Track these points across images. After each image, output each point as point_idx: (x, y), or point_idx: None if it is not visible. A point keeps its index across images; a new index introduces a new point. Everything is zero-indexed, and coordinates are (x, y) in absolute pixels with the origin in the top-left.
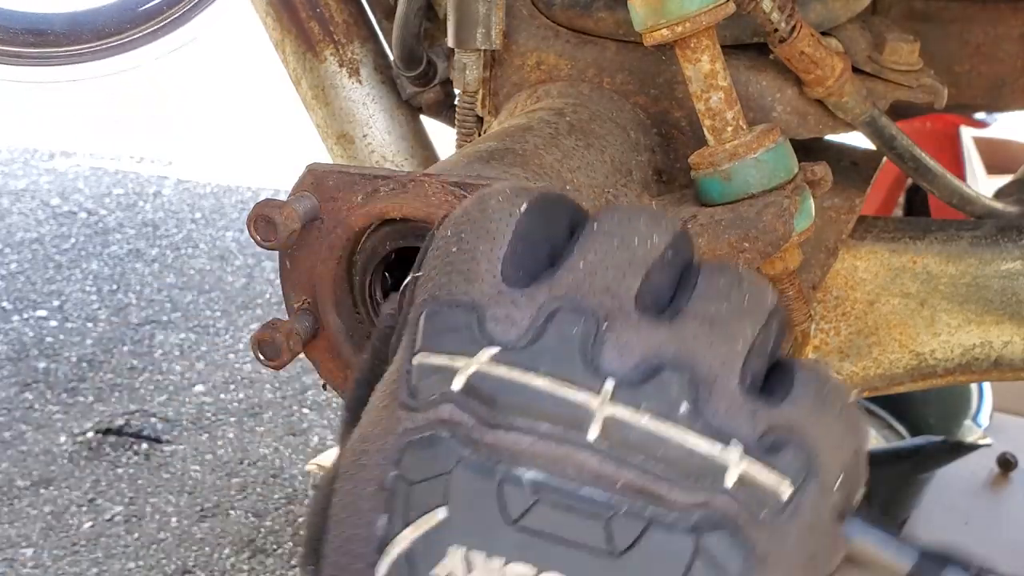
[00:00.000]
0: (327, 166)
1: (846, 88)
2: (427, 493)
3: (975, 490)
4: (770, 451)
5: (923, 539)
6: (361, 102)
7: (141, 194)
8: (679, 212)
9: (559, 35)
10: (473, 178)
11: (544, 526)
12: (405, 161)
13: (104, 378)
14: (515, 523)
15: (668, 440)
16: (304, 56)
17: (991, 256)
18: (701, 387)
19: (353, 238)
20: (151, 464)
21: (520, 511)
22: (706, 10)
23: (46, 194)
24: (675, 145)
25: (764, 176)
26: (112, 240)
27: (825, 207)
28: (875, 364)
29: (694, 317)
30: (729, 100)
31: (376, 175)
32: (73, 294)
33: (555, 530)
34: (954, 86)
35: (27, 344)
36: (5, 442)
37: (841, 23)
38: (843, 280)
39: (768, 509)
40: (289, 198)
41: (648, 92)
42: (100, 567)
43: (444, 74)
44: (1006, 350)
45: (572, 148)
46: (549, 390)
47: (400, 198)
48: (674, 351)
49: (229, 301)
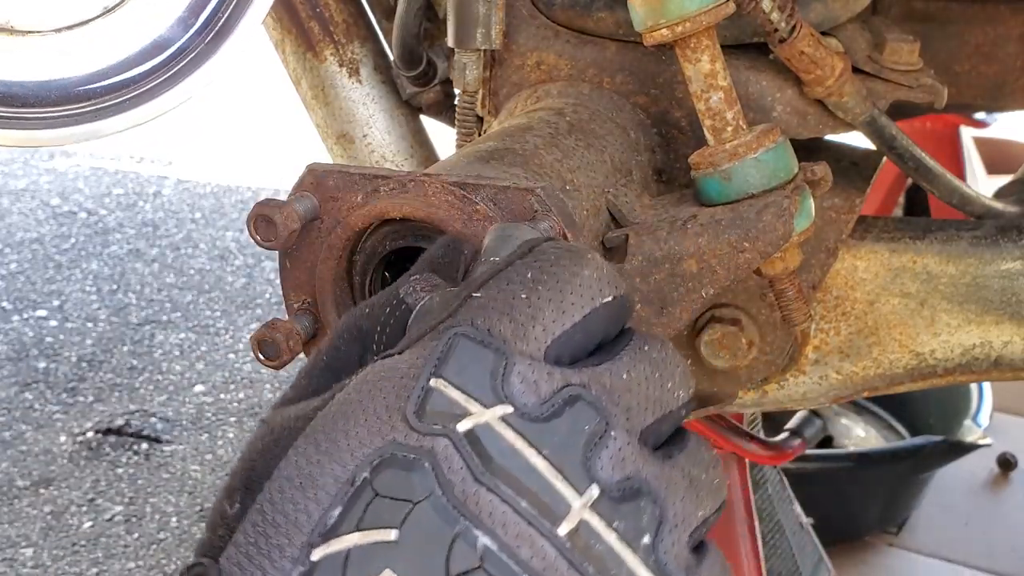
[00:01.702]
0: (327, 166)
1: (846, 88)
2: (388, 511)
3: (975, 490)
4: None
5: (923, 539)
6: (361, 102)
7: (141, 194)
8: (679, 212)
9: (559, 35)
10: (473, 178)
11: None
12: (405, 161)
13: (104, 378)
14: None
15: (625, 564)
16: (304, 56)
17: (991, 256)
18: (663, 527)
19: (353, 238)
20: (151, 464)
21: (460, 570)
22: (706, 10)
23: (46, 194)
24: (675, 145)
25: (764, 176)
26: (112, 240)
27: (825, 207)
28: (875, 364)
29: (680, 469)
30: (729, 100)
31: (376, 175)
32: (73, 294)
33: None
34: (954, 86)
35: (27, 344)
36: (5, 442)
37: (841, 23)
38: (843, 280)
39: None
40: (289, 198)
41: (648, 92)
42: (100, 567)
43: (444, 74)
44: (1006, 350)
45: (572, 148)
46: (543, 472)
47: (400, 198)
48: (655, 486)
49: (229, 301)
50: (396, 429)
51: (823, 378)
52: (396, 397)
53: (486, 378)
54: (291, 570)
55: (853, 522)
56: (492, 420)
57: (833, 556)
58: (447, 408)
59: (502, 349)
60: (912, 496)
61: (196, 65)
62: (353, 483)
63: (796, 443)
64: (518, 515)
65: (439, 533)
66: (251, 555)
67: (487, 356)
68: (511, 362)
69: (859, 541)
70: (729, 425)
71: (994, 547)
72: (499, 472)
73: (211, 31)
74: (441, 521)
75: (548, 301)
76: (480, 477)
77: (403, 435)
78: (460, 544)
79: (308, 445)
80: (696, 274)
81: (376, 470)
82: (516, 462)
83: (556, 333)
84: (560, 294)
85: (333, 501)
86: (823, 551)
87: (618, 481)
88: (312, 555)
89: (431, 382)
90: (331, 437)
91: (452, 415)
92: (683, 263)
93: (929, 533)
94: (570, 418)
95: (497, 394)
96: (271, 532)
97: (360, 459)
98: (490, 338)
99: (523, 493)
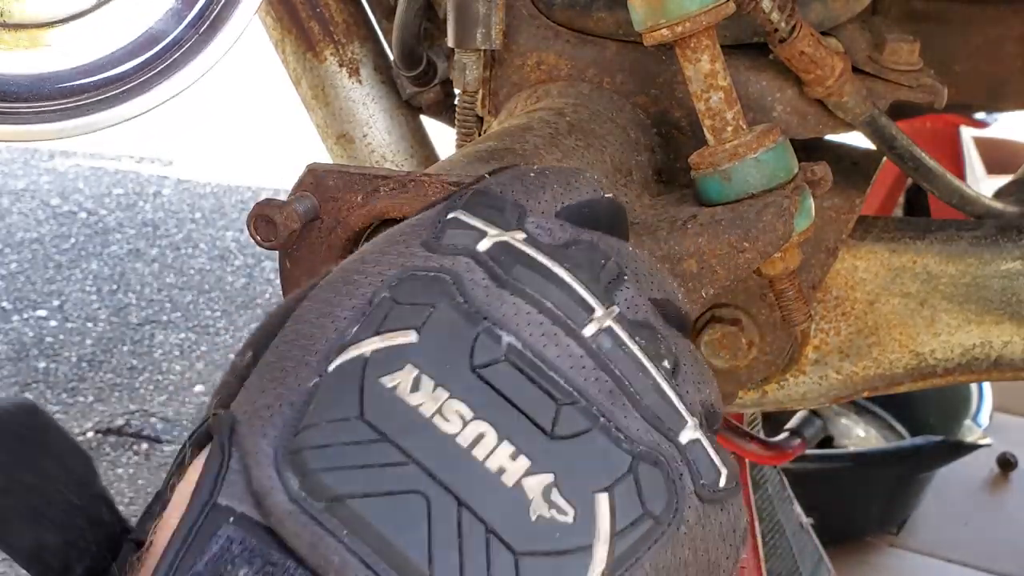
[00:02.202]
0: (327, 166)
1: (846, 88)
2: (408, 315)
3: (975, 490)
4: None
5: (923, 539)
6: (361, 102)
7: (141, 194)
8: (679, 212)
9: (559, 35)
10: (473, 178)
11: (501, 383)
12: (405, 161)
13: (104, 378)
14: (475, 369)
15: (648, 375)
16: (304, 56)
17: (991, 256)
18: (678, 372)
19: (353, 238)
20: (151, 464)
21: (485, 361)
22: (706, 10)
23: (46, 194)
24: (675, 145)
25: (764, 176)
26: (112, 240)
27: (825, 207)
28: (875, 364)
29: (688, 348)
30: (729, 100)
31: (376, 175)
32: (73, 294)
33: (508, 391)
34: (954, 86)
35: (27, 344)
36: None
37: (841, 23)
38: (843, 280)
39: (706, 482)
40: (289, 198)
41: (648, 92)
42: None
43: (444, 74)
44: (1006, 350)
45: (572, 148)
46: (567, 280)
47: (400, 198)
48: (670, 343)
49: (229, 301)
50: (415, 255)
51: (823, 378)
52: (411, 235)
53: (504, 212)
54: (308, 380)
55: (853, 522)
56: (512, 239)
57: (833, 556)
58: (466, 232)
59: (515, 202)
60: (912, 496)
61: (190, 57)
62: (372, 302)
63: (796, 443)
64: (543, 315)
65: (462, 332)
66: (262, 389)
67: (504, 202)
68: (525, 212)
69: (859, 541)
70: (729, 425)
71: (994, 547)
72: (523, 277)
73: (204, 23)
74: (464, 321)
75: (556, 181)
76: (503, 284)
77: (422, 259)
78: (484, 339)
79: (325, 289)
80: (696, 274)
81: (395, 288)
82: (541, 270)
83: (564, 203)
84: (566, 178)
85: (351, 321)
86: (823, 551)
87: (635, 314)
88: (329, 367)
89: (449, 215)
90: (348, 278)
91: (472, 237)
92: (683, 263)
93: (929, 533)
94: (586, 254)
95: (513, 225)
96: (286, 359)
97: (377, 286)
98: (504, 193)
99: (548, 295)
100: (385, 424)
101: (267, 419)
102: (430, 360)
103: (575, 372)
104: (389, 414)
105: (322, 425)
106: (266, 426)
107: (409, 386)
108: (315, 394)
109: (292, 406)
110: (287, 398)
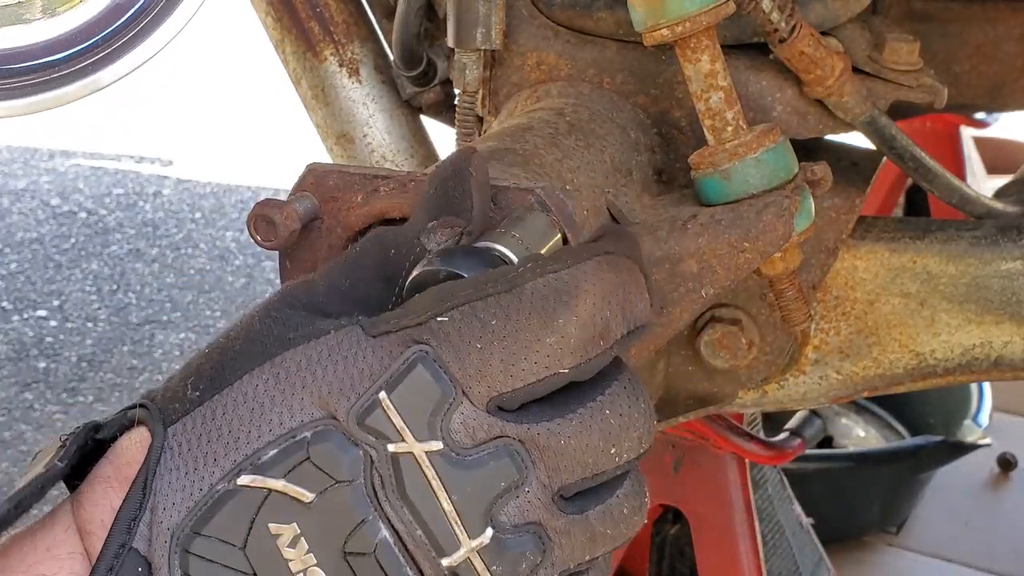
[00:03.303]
0: (327, 166)
1: (846, 88)
2: (312, 477)
3: (975, 490)
4: None
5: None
6: (361, 102)
7: (141, 194)
8: (679, 212)
9: (559, 35)
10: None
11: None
12: (405, 161)
13: (104, 378)
14: (346, 555)
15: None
16: (304, 56)
17: (991, 256)
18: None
19: (353, 238)
20: None
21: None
22: (706, 10)
23: (46, 194)
24: (675, 145)
25: (764, 176)
26: (112, 240)
27: (825, 207)
28: (875, 364)
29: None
30: (729, 100)
31: (376, 175)
32: (73, 294)
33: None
34: (954, 86)
35: (27, 344)
36: (5, 442)
37: (841, 23)
38: (843, 280)
39: None
40: (289, 198)
41: (648, 92)
42: None
43: (444, 74)
44: (1006, 350)
45: (572, 148)
46: (446, 514)
47: (400, 198)
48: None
49: (229, 301)
50: (339, 413)
51: (823, 378)
52: (352, 387)
53: (427, 412)
54: (218, 480)
55: (853, 522)
56: (419, 455)
57: (833, 556)
58: (384, 428)
59: (450, 390)
60: (912, 496)
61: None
62: (294, 437)
63: (796, 443)
64: (420, 530)
65: (348, 515)
66: (190, 446)
67: (435, 392)
68: (456, 403)
69: (859, 541)
70: (729, 425)
71: (994, 547)
72: (407, 502)
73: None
74: (354, 506)
75: (500, 361)
76: (401, 494)
77: (344, 423)
78: (362, 531)
79: (272, 374)
80: (696, 274)
81: (315, 439)
82: (426, 500)
83: (499, 391)
84: (513, 356)
85: (271, 442)
86: (823, 551)
87: (515, 526)
88: (240, 479)
89: (380, 395)
90: (291, 381)
91: (390, 433)
92: (683, 263)
93: (929, 533)
94: (491, 471)
95: (433, 430)
96: (214, 438)
97: (303, 420)
98: (443, 375)
99: (422, 525)
100: (259, 564)
101: (181, 491)
102: (313, 529)
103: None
104: (265, 558)
105: (213, 541)
106: (177, 503)
107: (288, 541)
108: (219, 508)
109: (198, 503)
110: (199, 486)
